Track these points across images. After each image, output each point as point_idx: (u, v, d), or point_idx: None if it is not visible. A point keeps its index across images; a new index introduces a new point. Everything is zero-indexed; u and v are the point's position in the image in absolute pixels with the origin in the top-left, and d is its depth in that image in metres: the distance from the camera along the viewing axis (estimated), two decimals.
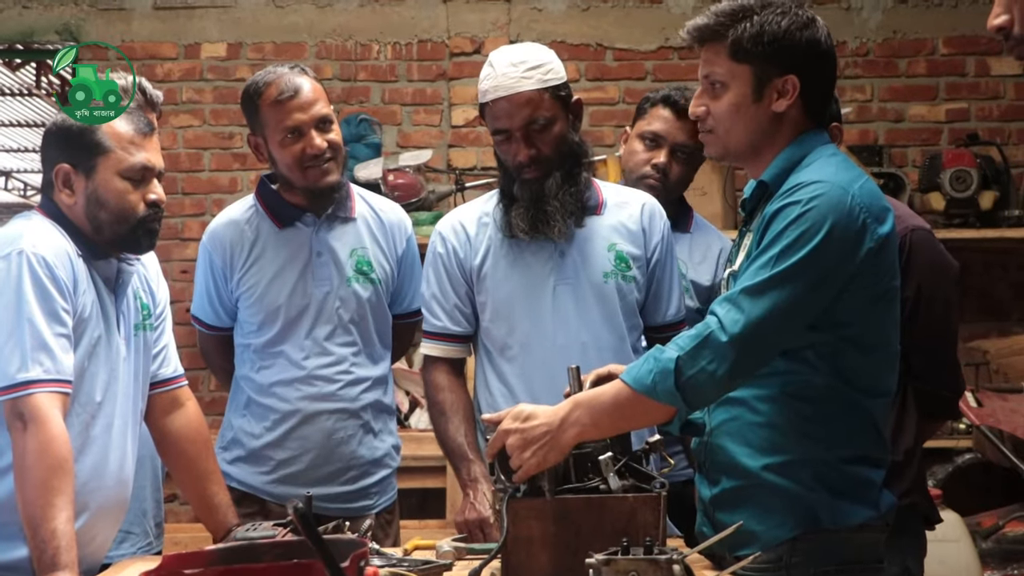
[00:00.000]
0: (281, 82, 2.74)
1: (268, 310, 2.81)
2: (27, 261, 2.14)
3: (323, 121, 2.75)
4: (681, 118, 2.94)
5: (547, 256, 2.62)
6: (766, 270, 1.94)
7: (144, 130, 2.29)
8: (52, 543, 2.00)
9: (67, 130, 2.27)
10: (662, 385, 1.95)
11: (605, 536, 1.95)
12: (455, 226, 2.71)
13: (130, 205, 2.26)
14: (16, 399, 2.08)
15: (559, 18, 5.03)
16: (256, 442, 2.82)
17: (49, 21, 5.05)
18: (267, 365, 2.83)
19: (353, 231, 2.87)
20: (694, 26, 2.10)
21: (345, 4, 5.06)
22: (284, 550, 1.76)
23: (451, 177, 4.87)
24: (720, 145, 2.13)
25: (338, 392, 2.82)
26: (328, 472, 2.82)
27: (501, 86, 2.54)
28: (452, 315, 2.68)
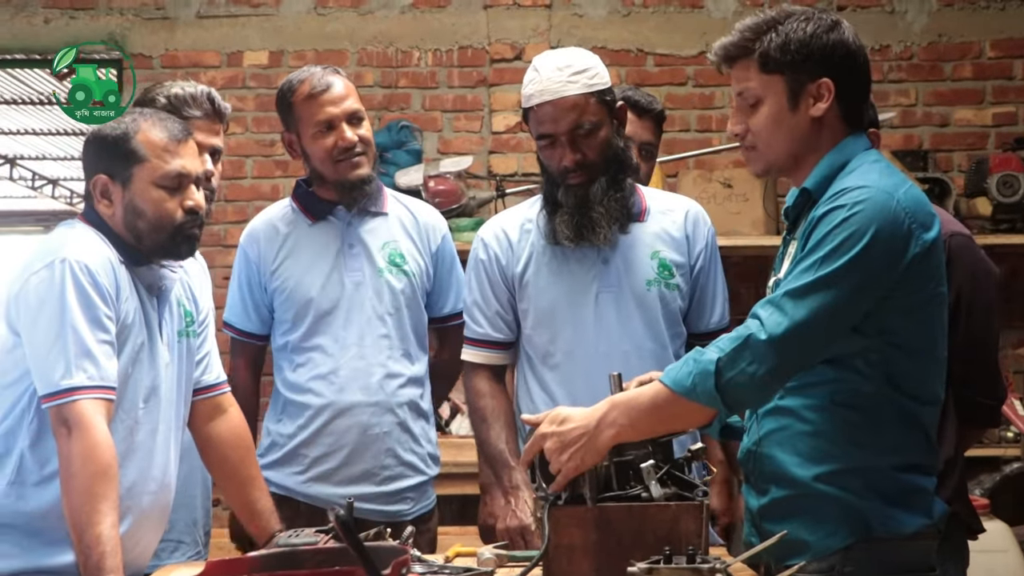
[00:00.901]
0: (313, 79, 2.82)
1: (301, 302, 2.84)
2: (70, 269, 2.15)
3: (354, 116, 2.82)
4: (642, 117, 3.05)
5: (590, 263, 2.61)
6: (810, 273, 1.93)
7: (179, 136, 2.29)
8: (97, 548, 2.02)
9: (103, 139, 2.29)
10: (702, 386, 1.93)
11: (647, 544, 1.94)
12: (497, 232, 2.70)
13: (167, 213, 2.27)
14: (61, 406, 2.10)
15: (599, 24, 5.02)
16: (291, 442, 2.84)
17: (95, 31, 5.10)
18: (302, 362, 2.84)
19: (385, 224, 2.91)
20: (721, 46, 2.10)
21: (386, 11, 5.07)
22: (326, 557, 1.77)
23: (492, 183, 4.87)
24: (763, 160, 2.12)
25: (373, 385, 2.83)
26: (362, 470, 2.82)
27: (546, 90, 2.53)
28: (494, 322, 2.68)
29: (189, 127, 2.36)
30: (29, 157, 11.84)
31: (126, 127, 2.28)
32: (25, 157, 11.85)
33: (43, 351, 2.13)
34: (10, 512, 2.18)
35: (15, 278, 2.23)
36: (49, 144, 11.00)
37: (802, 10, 2.09)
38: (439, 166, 4.72)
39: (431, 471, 2.94)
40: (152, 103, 2.64)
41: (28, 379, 2.17)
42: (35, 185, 12.94)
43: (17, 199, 13.97)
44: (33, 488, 2.18)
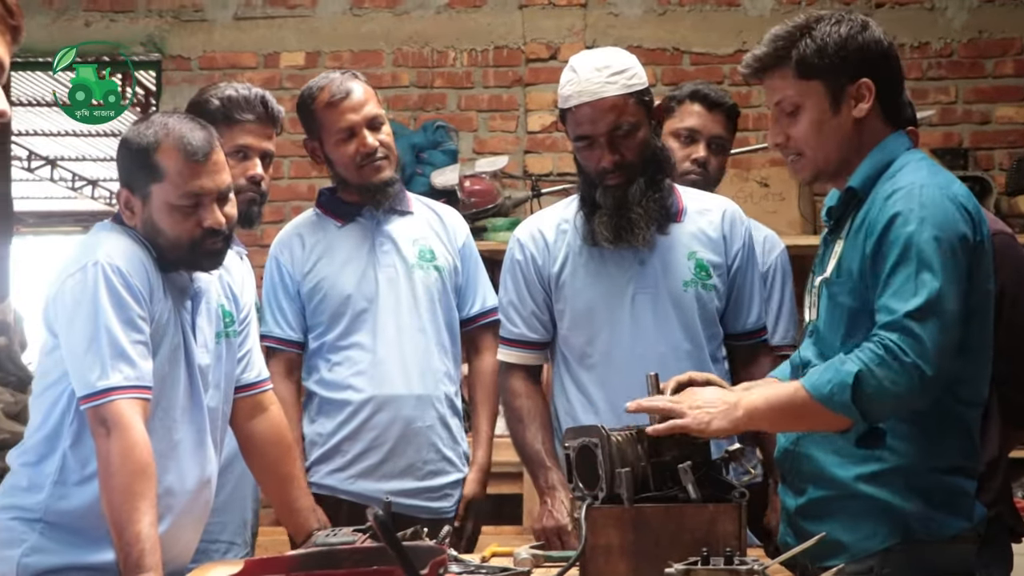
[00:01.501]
0: (332, 86, 2.85)
1: (337, 301, 2.86)
2: (103, 271, 2.17)
3: (374, 121, 2.84)
4: (712, 110, 3.00)
5: (627, 265, 2.60)
6: (917, 288, 1.91)
7: (199, 156, 2.22)
8: (137, 546, 2.03)
9: (128, 149, 2.28)
10: (839, 396, 1.93)
11: (684, 545, 1.94)
12: (533, 233, 2.70)
13: (184, 232, 2.25)
14: (98, 406, 2.12)
15: (635, 23, 5.01)
16: (331, 440, 2.84)
17: (134, 33, 5.15)
18: (340, 360, 2.86)
19: (413, 222, 2.94)
20: (754, 57, 2.09)
21: (422, 12, 5.09)
22: (363, 556, 1.77)
23: (527, 183, 4.87)
24: (812, 167, 2.10)
25: (414, 378, 2.84)
26: (405, 465, 2.83)
27: (585, 91, 2.51)
28: (529, 322, 2.67)
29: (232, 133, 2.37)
30: (69, 158, 11.96)
31: (149, 140, 2.24)
32: (65, 158, 11.98)
33: (79, 353, 2.15)
34: (54, 511, 2.21)
35: (52, 280, 2.26)
36: (89, 145, 11.11)
37: (830, 13, 2.08)
38: (474, 166, 4.73)
39: (465, 469, 2.95)
40: (206, 105, 2.65)
41: (67, 380, 2.20)
42: (75, 186, 13.08)
43: (58, 200, 14.12)
44: (75, 487, 2.20)
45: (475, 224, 4.48)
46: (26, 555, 2.19)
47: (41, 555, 2.19)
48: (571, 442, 2.11)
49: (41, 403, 2.26)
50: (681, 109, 3.01)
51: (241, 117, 2.66)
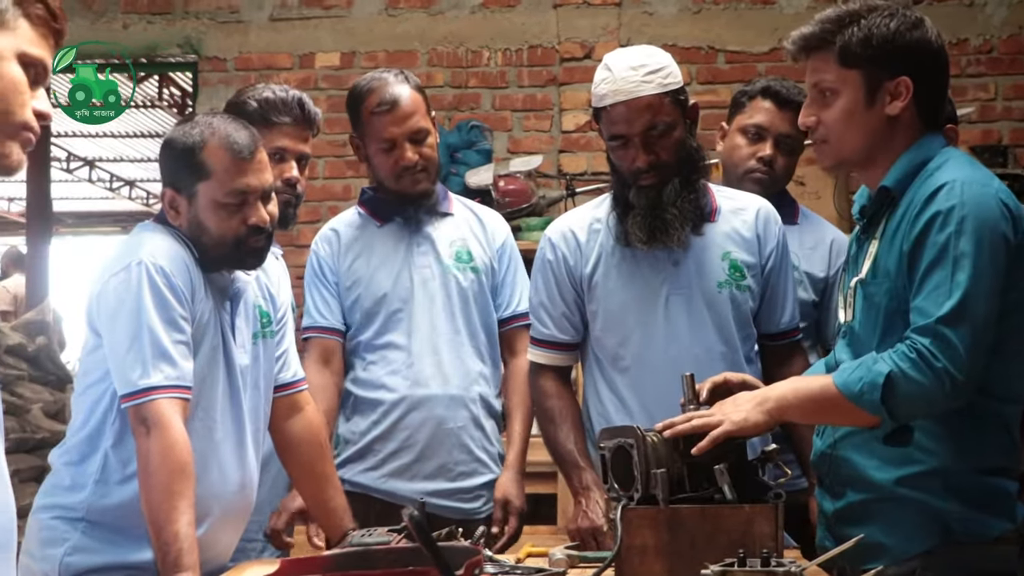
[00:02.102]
0: (382, 92, 2.81)
1: (373, 300, 2.86)
2: (146, 271, 2.19)
3: (417, 134, 2.81)
4: (783, 108, 2.91)
5: (661, 266, 2.57)
6: (952, 291, 1.90)
7: (244, 153, 2.26)
8: (175, 545, 2.04)
9: (173, 149, 2.30)
10: (869, 396, 1.93)
11: (720, 546, 1.92)
12: (565, 232, 2.67)
13: (229, 230, 2.27)
14: (139, 405, 2.13)
15: (670, 21, 5.00)
16: (364, 438, 2.84)
17: (171, 35, 5.20)
18: (375, 360, 2.86)
19: (452, 223, 2.93)
20: (800, 36, 2.07)
21: (456, 12, 5.09)
22: (398, 556, 1.78)
23: (562, 183, 4.86)
24: (834, 154, 2.09)
25: (447, 378, 2.83)
26: (437, 465, 2.82)
27: (620, 91, 2.47)
28: (560, 323, 2.65)
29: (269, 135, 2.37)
30: (107, 159, 12.08)
31: (195, 139, 2.27)
32: (103, 159, 12.09)
33: (121, 352, 2.17)
34: (96, 509, 2.22)
35: (95, 280, 2.27)
36: (126, 146, 11.21)
37: (885, 5, 2.05)
38: (509, 165, 4.73)
39: (499, 470, 2.94)
40: (243, 106, 2.65)
41: (109, 379, 2.21)
42: (113, 187, 13.20)
43: (96, 200, 14.26)
44: (117, 486, 2.22)
45: (509, 224, 4.48)
46: (68, 554, 2.21)
47: (83, 554, 2.21)
48: (606, 443, 2.11)
49: (83, 402, 2.28)
50: (751, 105, 2.95)
51: (278, 119, 2.66)
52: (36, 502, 2.31)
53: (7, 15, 1.55)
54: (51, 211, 6.69)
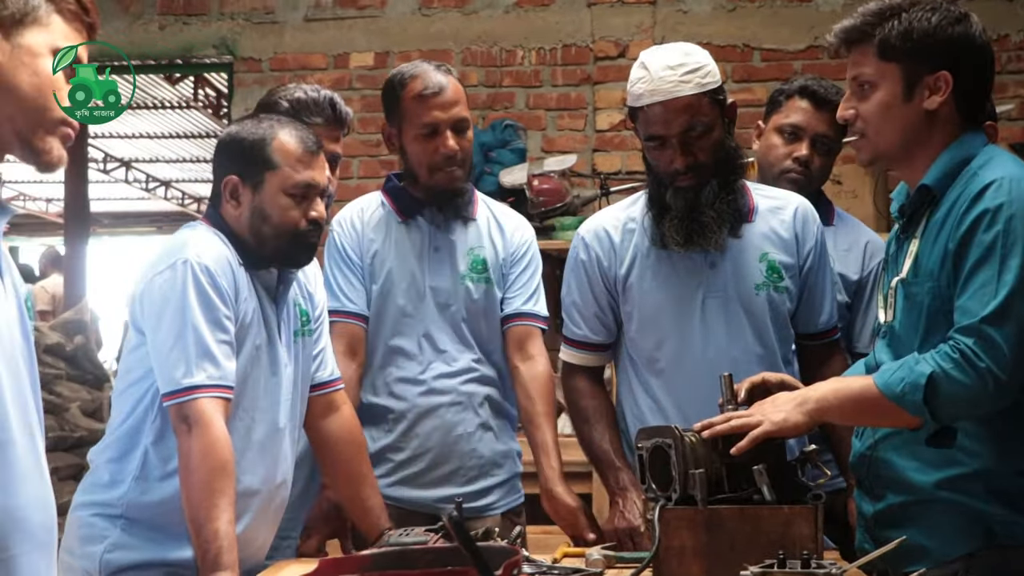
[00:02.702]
0: (427, 77, 2.73)
1: (384, 302, 2.79)
2: (191, 270, 2.20)
3: (460, 123, 2.74)
4: (820, 108, 2.87)
5: (697, 268, 2.53)
6: (997, 291, 1.88)
7: (311, 148, 2.33)
8: (215, 543, 2.05)
9: (239, 143, 2.33)
10: (911, 396, 1.91)
11: (759, 548, 1.91)
12: (598, 232, 2.62)
13: (292, 221, 2.30)
14: (181, 404, 2.14)
15: (705, 19, 4.97)
16: (374, 445, 2.77)
17: (207, 36, 5.23)
18: (382, 365, 2.80)
19: (473, 230, 2.83)
20: (841, 28, 2.06)
21: (490, 11, 5.10)
22: (436, 556, 1.77)
23: (596, 182, 4.85)
24: (871, 148, 2.07)
25: (455, 387, 2.77)
26: (448, 471, 2.77)
27: (658, 91, 2.41)
28: (592, 324, 2.62)
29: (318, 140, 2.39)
30: (143, 160, 12.18)
31: (263, 133, 2.32)
32: (139, 160, 12.19)
33: (165, 350, 2.18)
34: (135, 506, 2.23)
35: (139, 278, 2.29)
36: (162, 147, 11.30)
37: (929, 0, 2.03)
38: (543, 165, 4.72)
39: (517, 468, 2.88)
40: (275, 107, 2.66)
41: (151, 377, 2.22)
42: (148, 187, 13.31)
43: (132, 201, 14.38)
44: (156, 483, 2.23)
45: (543, 223, 4.48)
46: (108, 551, 2.22)
47: (122, 551, 2.22)
48: (644, 443, 2.10)
49: (124, 399, 2.30)
50: (788, 104, 2.91)
51: (309, 120, 2.65)
52: (75, 499, 2.33)
53: (40, 11, 1.56)
54: (88, 212, 6.75)
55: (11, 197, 13.21)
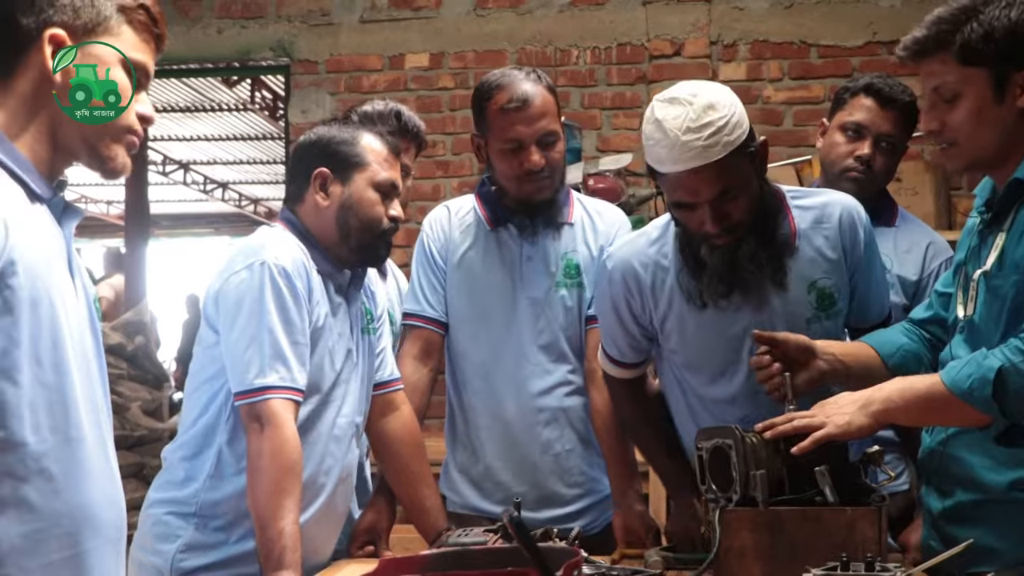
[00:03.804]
0: (512, 89, 2.62)
1: (475, 312, 2.73)
2: (268, 271, 2.22)
3: (546, 137, 2.63)
4: (885, 107, 2.81)
5: (741, 315, 2.35)
6: None
7: (394, 151, 2.44)
8: (279, 542, 2.07)
9: (328, 141, 2.40)
10: (979, 392, 1.88)
11: (821, 550, 1.89)
12: (626, 272, 2.43)
13: (378, 216, 2.37)
14: (253, 404, 2.17)
15: (761, 16, 4.93)
16: (473, 468, 2.74)
17: (264, 39, 5.28)
18: (474, 376, 2.74)
19: (567, 234, 2.74)
20: (913, 40, 1.99)
21: (545, 11, 5.09)
22: (496, 557, 1.77)
23: (651, 181, 4.82)
24: (965, 157, 2.01)
25: (553, 402, 2.70)
26: (550, 492, 2.68)
27: (680, 159, 2.14)
28: (625, 352, 2.53)
29: (394, 146, 2.44)
30: (201, 162, 12.33)
31: (351, 133, 2.41)
32: (197, 162, 12.34)
33: (239, 350, 2.20)
34: (208, 503, 2.26)
35: (215, 277, 2.31)
36: (220, 149, 11.43)
37: None
38: (598, 164, 4.71)
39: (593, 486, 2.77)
40: (345, 120, 2.71)
41: (224, 377, 2.25)
42: (206, 189, 13.47)
43: (190, 203, 14.56)
44: (230, 480, 2.25)
45: None
46: (180, 551, 2.25)
47: (194, 552, 2.25)
48: (704, 443, 2.08)
49: (197, 397, 2.32)
50: (852, 102, 2.85)
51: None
52: (150, 496, 2.36)
53: (111, 21, 1.59)
54: (148, 214, 6.83)
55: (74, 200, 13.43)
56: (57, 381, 1.52)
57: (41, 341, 1.50)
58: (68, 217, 1.64)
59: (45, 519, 1.50)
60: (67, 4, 1.56)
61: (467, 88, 5.11)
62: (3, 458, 1.46)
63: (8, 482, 1.46)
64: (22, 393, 1.47)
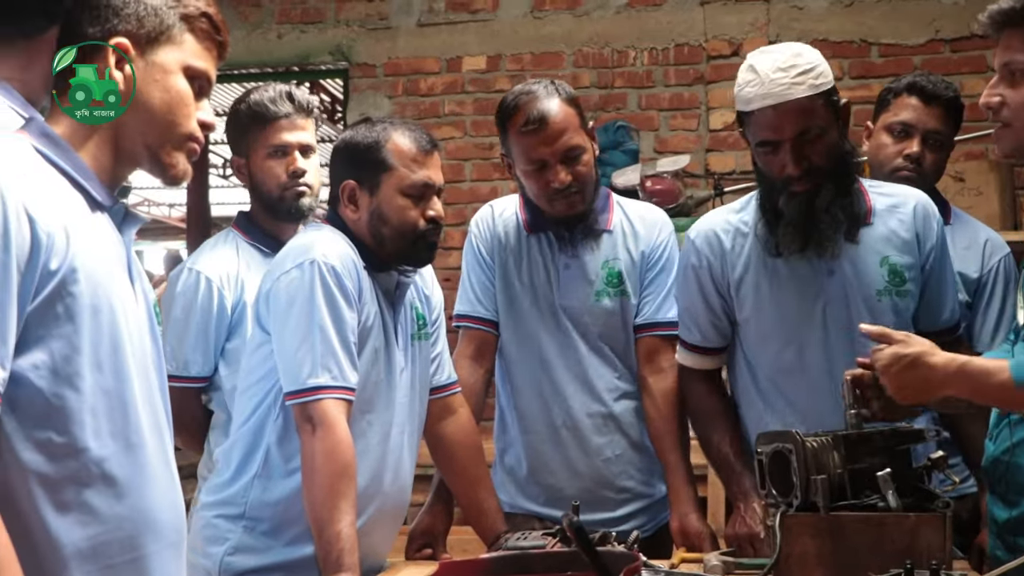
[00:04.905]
0: (529, 109, 2.57)
1: (517, 315, 2.72)
2: (319, 270, 2.22)
3: (570, 152, 2.58)
4: (929, 103, 2.81)
5: (814, 275, 2.44)
6: None
7: (426, 148, 2.35)
8: (337, 545, 2.08)
9: (354, 147, 2.36)
10: None
11: (884, 557, 1.87)
12: (709, 237, 2.54)
13: (411, 221, 2.32)
14: (305, 404, 2.17)
15: (820, 15, 4.88)
16: (521, 470, 2.73)
17: (323, 43, 5.32)
18: (521, 379, 2.74)
19: (607, 242, 2.71)
20: (998, 10, 1.94)
21: (602, 12, 5.08)
22: (556, 561, 1.77)
23: (709, 182, 4.80)
24: (1014, 140, 1.97)
25: (601, 407, 2.70)
26: (599, 496, 2.66)
27: (769, 94, 2.31)
28: (706, 330, 2.56)
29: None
30: None
31: (377, 136, 2.34)
32: None
33: (291, 350, 2.21)
34: (257, 504, 2.28)
35: (265, 277, 2.33)
36: None
37: None
38: (656, 165, 4.69)
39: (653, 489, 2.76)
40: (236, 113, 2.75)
41: (274, 376, 2.26)
42: None
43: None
44: (279, 481, 2.27)
45: None
46: (229, 554, 2.27)
47: (243, 555, 2.27)
48: (764, 448, 2.07)
49: (247, 398, 2.33)
50: (896, 102, 2.86)
51: (276, 113, 2.71)
52: (200, 498, 2.38)
53: (174, 30, 1.61)
54: (209, 216, 6.90)
55: (136, 203, 13.63)
56: (117, 387, 1.54)
57: (101, 347, 1.52)
58: (128, 224, 1.66)
59: (107, 523, 1.52)
60: (131, 13, 1.59)
61: None
62: (66, 463, 1.48)
63: (71, 487, 1.48)
64: (83, 399, 1.49)
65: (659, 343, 2.70)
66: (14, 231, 1.42)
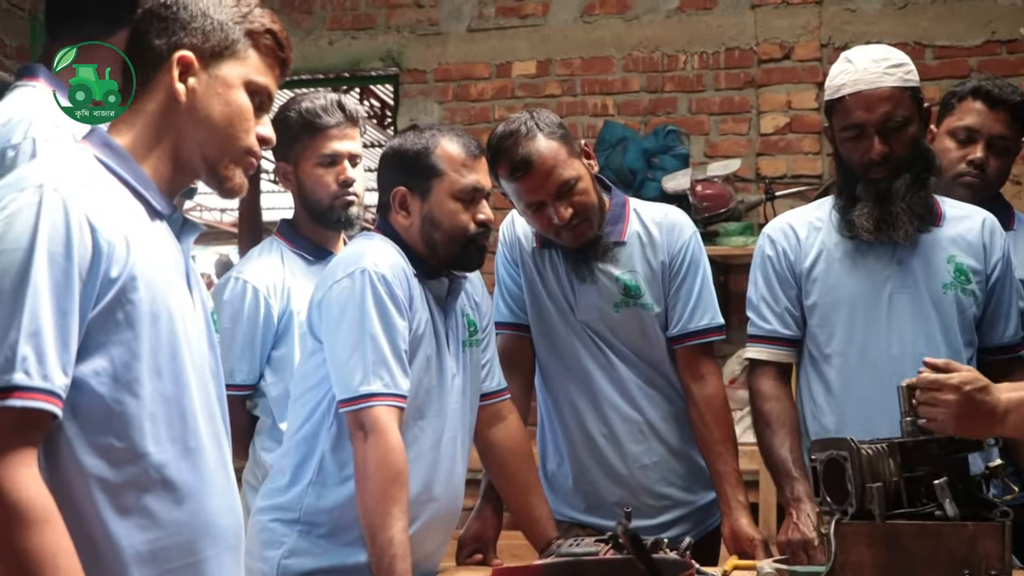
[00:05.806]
0: (512, 154, 2.52)
1: (545, 327, 2.71)
2: (370, 279, 2.24)
3: (563, 187, 2.52)
4: (994, 108, 2.80)
5: (884, 262, 2.53)
6: None
7: (474, 152, 2.37)
8: (389, 551, 2.09)
9: (403, 154, 2.38)
10: None
11: (942, 566, 1.85)
12: (784, 228, 2.65)
13: (462, 224, 2.34)
14: (357, 411, 2.18)
15: (873, 17, 4.83)
16: (561, 477, 2.73)
17: (374, 49, 5.35)
18: (555, 385, 2.73)
19: (623, 255, 2.66)
20: None
21: (652, 16, 5.07)
22: (609, 568, 1.77)
23: (760, 186, 4.77)
24: None
25: (636, 415, 2.68)
26: (636, 504, 2.59)
27: (861, 80, 2.46)
28: (782, 318, 2.59)
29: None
30: None
31: (426, 142, 2.36)
32: None
33: (343, 357, 2.23)
34: (312, 510, 2.29)
35: (317, 286, 2.35)
36: None
37: None
38: (706, 170, 4.68)
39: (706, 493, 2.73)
40: (285, 120, 2.71)
41: (327, 384, 2.28)
42: None
43: None
44: (333, 488, 2.28)
45: (707, 228, 4.43)
46: (285, 557, 2.28)
47: (299, 557, 2.28)
48: (819, 455, 2.05)
49: (301, 405, 2.35)
50: (961, 106, 2.84)
51: (324, 123, 2.72)
52: (256, 503, 2.41)
53: (239, 45, 1.63)
54: (260, 221, 6.95)
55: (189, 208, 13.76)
56: (176, 393, 1.56)
57: (160, 354, 1.54)
58: (187, 233, 1.68)
59: (167, 528, 1.54)
60: (198, 27, 1.61)
61: (574, 95, 5.11)
62: (127, 469, 1.50)
63: (132, 492, 1.51)
64: (143, 405, 1.52)
65: (696, 352, 2.68)
66: (76, 240, 1.45)
